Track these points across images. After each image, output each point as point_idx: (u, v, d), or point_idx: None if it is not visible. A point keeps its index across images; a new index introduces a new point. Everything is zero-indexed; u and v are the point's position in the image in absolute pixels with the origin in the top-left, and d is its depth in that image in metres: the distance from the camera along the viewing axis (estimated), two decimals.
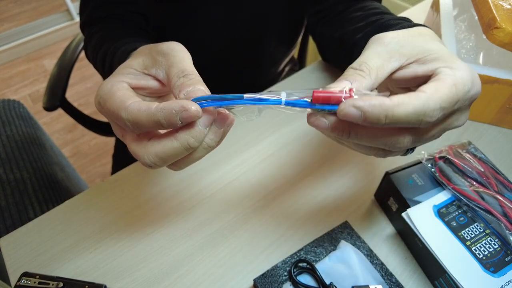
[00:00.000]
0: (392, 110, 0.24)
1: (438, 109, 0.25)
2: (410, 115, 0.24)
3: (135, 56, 0.32)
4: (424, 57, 0.29)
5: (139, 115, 0.26)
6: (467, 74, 0.27)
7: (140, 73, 0.31)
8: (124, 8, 0.53)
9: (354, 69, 0.28)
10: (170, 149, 0.27)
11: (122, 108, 0.27)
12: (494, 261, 0.36)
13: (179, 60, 0.29)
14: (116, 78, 0.30)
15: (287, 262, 0.39)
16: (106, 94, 0.28)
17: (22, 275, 0.39)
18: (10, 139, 0.78)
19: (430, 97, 0.25)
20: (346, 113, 0.25)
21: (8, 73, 1.94)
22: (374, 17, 0.47)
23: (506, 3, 0.50)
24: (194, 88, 0.27)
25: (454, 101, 0.26)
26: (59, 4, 2.24)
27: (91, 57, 0.52)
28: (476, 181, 0.41)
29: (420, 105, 0.24)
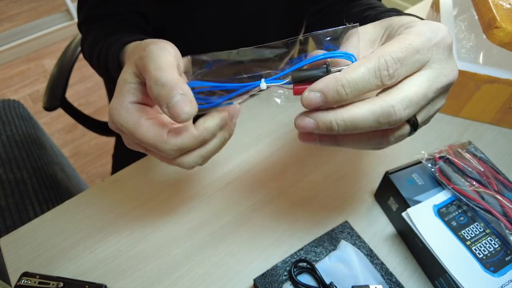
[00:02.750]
0: (345, 78, 0.24)
1: (391, 60, 0.25)
2: (365, 74, 0.24)
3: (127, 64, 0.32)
4: (391, 30, 0.29)
5: (184, 142, 0.29)
6: (425, 26, 0.27)
7: (137, 84, 0.30)
8: (123, 7, 0.53)
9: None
10: (212, 147, 0.31)
11: (161, 141, 0.29)
12: (494, 261, 0.36)
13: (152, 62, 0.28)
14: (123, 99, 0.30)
15: (287, 261, 0.39)
16: (129, 125, 0.29)
17: (22, 275, 0.39)
18: (10, 139, 0.78)
19: (379, 52, 0.25)
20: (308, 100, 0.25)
21: (8, 73, 1.94)
22: (366, 13, 0.47)
23: (506, 3, 0.50)
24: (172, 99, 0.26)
25: (410, 50, 0.25)
26: (59, 4, 2.24)
27: (88, 55, 0.51)
28: (476, 181, 0.41)
29: (371, 63, 0.25)
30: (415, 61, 0.26)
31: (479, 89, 0.52)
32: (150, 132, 0.29)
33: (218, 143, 0.31)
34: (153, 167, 0.51)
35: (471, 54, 0.57)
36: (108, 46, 0.43)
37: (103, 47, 0.44)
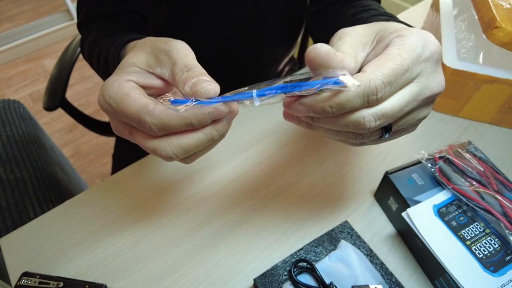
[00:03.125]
0: (334, 100, 0.25)
1: (381, 85, 0.25)
2: (353, 99, 0.25)
3: (137, 52, 0.31)
4: (382, 36, 0.29)
5: (169, 119, 0.27)
6: (416, 39, 0.27)
7: (145, 71, 0.30)
8: (122, 8, 0.53)
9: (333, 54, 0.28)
10: (195, 141, 0.28)
11: (145, 112, 0.27)
12: (494, 261, 0.36)
13: (182, 56, 0.29)
14: (122, 76, 0.30)
15: (287, 261, 0.40)
16: (117, 95, 0.28)
17: (23, 275, 0.39)
18: (10, 139, 0.78)
19: (370, 76, 0.25)
20: (296, 111, 0.27)
21: (8, 73, 1.94)
22: (360, 15, 0.47)
23: (506, 3, 0.50)
24: (198, 79, 0.27)
25: (401, 71, 0.26)
26: (59, 4, 2.24)
27: (87, 55, 0.51)
28: (476, 180, 0.41)
29: (360, 89, 0.25)
30: (404, 80, 0.27)
31: (479, 89, 0.52)
32: (136, 102, 0.28)
33: (204, 138, 0.29)
34: (153, 167, 0.51)
35: (471, 54, 0.57)
36: (108, 46, 0.43)
37: (103, 47, 0.44)
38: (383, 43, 0.29)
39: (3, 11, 2.22)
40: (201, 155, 0.32)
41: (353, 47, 0.28)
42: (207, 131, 0.28)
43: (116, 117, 0.30)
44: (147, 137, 0.29)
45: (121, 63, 0.31)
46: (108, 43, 0.43)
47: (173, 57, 0.29)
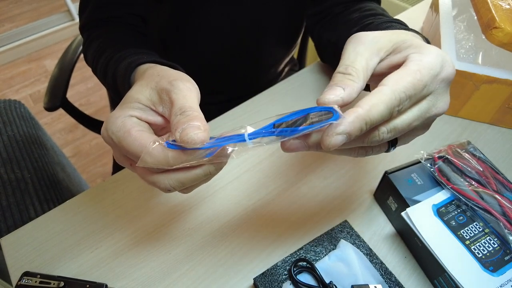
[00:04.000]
0: (368, 116, 0.25)
1: (404, 97, 0.26)
2: (384, 112, 0.25)
3: (142, 87, 0.32)
4: (399, 46, 0.30)
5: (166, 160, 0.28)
6: (435, 58, 0.28)
7: (148, 108, 0.31)
8: (123, 11, 0.53)
9: (343, 74, 0.28)
10: (192, 176, 0.29)
11: (145, 152, 0.28)
12: (493, 260, 0.36)
13: (180, 98, 0.29)
14: (126, 111, 0.30)
15: (287, 261, 0.40)
16: (119, 132, 0.29)
17: (23, 275, 0.39)
18: (11, 139, 0.78)
19: (393, 88, 0.26)
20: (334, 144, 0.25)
21: (9, 73, 1.94)
22: (367, 20, 0.47)
23: (505, 3, 0.50)
24: (188, 125, 0.27)
25: (420, 87, 0.27)
26: (59, 5, 2.24)
27: (91, 64, 0.52)
28: (475, 180, 0.41)
29: (389, 100, 0.25)
30: (421, 96, 0.27)
31: (478, 89, 0.52)
32: (137, 141, 0.28)
33: (201, 173, 0.29)
34: None
35: (470, 54, 0.57)
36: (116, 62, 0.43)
37: (111, 60, 0.44)
38: (400, 54, 0.29)
39: (4, 11, 2.22)
40: (198, 186, 0.32)
41: (365, 57, 0.29)
42: (205, 167, 0.29)
43: (118, 150, 0.31)
44: (146, 171, 0.30)
45: (126, 97, 0.32)
46: (116, 59, 0.44)
47: (172, 97, 0.29)
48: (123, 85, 0.40)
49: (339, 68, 0.29)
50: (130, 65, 0.40)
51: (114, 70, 0.43)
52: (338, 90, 0.27)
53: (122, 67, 0.41)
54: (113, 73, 0.44)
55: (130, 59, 0.41)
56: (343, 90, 0.27)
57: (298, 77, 0.64)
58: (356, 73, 0.28)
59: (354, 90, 0.27)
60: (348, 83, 0.27)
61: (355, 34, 0.31)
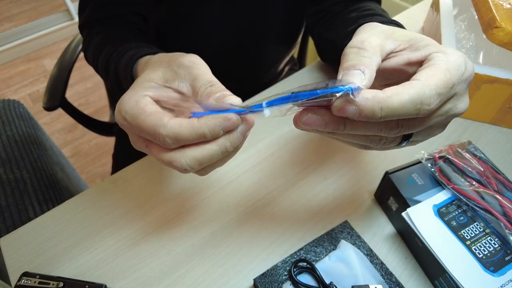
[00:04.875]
0: (386, 102, 0.24)
1: (435, 95, 0.25)
2: (406, 104, 0.24)
3: (154, 69, 0.32)
4: (417, 43, 0.29)
5: (182, 131, 0.28)
6: (459, 58, 0.27)
7: (161, 86, 0.31)
8: (123, 9, 0.53)
9: (357, 49, 0.27)
10: (209, 152, 0.29)
11: (160, 125, 0.28)
12: (494, 261, 0.36)
13: (203, 73, 0.30)
14: (139, 92, 0.30)
15: (287, 261, 0.40)
16: (133, 110, 0.29)
17: (23, 275, 0.39)
18: (10, 139, 0.78)
19: (425, 83, 0.25)
20: (340, 109, 0.24)
21: (8, 73, 1.94)
22: (365, 19, 0.47)
23: (506, 3, 0.50)
24: (222, 93, 0.29)
25: (450, 86, 0.26)
26: (58, 4, 2.23)
27: (92, 60, 0.52)
28: (476, 180, 0.41)
29: (415, 93, 0.24)
30: (449, 95, 0.26)
31: (479, 89, 0.52)
32: (152, 116, 0.28)
33: (217, 149, 0.29)
34: (153, 167, 0.51)
35: (471, 54, 0.57)
36: (118, 55, 0.43)
37: (112, 55, 0.45)
38: (420, 53, 0.28)
39: (3, 11, 2.22)
40: (215, 167, 0.32)
41: (380, 38, 0.28)
42: (220, 142, 0.29)
43: (132, 132, 0.31)
44: (163, 150, 0.30)
45: (138, 79, 0.32)
46: (117, 52, 0.43)
47: (194, 73, 0.30)
48: (125, 78, 0.40)
49: (353, 42, 0.28)
50: (132, 58, 0.40)
51: (116, 63, 0.43)
52: (357, 76, 0.25)
53: (124, 60, 0.41)
54: (115, 67, 0.43)
55: (132, 52, 0.41)
56: (363, 74, 0.25)
57: (298, 76, 0.64)
58: (372, 48, 0.27)
59: (374, 69, 0.26)
60: (365, 62, 0.26)
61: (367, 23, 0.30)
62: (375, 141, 0.28)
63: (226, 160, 0.32)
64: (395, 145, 0.30)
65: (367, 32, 0.29)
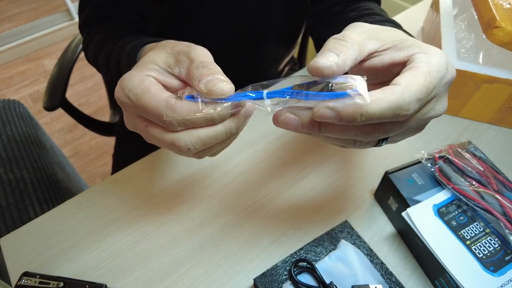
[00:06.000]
0: (366, 108, 0.24)
1: (414, 101, 0.25)
2: (385, 110, 0.24)
3: (157, 51, 0.32)
4: (400, 44, 0.29)
5: (191, 114, 0.27)
6: (441, 60, 0.27)
7: (164, 70, 0.31)
8: (123, 9, 0.53)
9: (336, 39, 0.27)
10: (214, 133, 0.28)
11: (167, 107, 0.27)
12: (493, 260, 0.36)
13: (200, 56, 0.29)
14: (143, 71, 0.30)
15: (287, 261, 0.40)
16: (137, 89, 0.28)
17: (23, 275, 0.39)
18: (10, 139, 0.78)
19: (405, 89, 0.25)
20: (320, 115, 0.25)
21: (8, 73, 1.94)
22: (363, 18, 0.47)
23: (506, 3, 0.50)
24: (213, 77, 0.27)
25: (430, 90, 0.26)
26: (58, 4, 2.23)
27: (92, 59, 0.52)
28: (476, 180, 0.41)
29: (395, 99, 0.24)
30: (429, 99, 0.27)
31: (479, 88, 0.52)
32: (157, 97, 0.28)
33: (223, 130, 0.29)
34: (154, 167, 0.51)
35: (470, 54, 0.57)
36: (120, 48, 0.43)
37: (113, 50, 0.44)
38: (403, 53, 0.28)
39: (3, 11, 2.22)
40: (216, 149, 0.32)
41: (363, 37, 0.28)
42: (226, 123, 0.29)
43: (132, 111, 0.30)
44: (165, 130, 0.29)
45: (142, 59, 0.31)
46: (119, 46, 0.43)
47: (191, 56, 0.29)
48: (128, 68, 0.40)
49: (334, 36, 0.28)
50: (136, 46, 0.39)
51: (118, 55, 0.43)
52: (331, 56, 0.26)
53: (126, 51, 0.41)
54: (116, 60, 0.43)
55: (135, 42, 0.41)
56: (337, 56, 0.26)
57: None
58: (352, 42, 0.27)
59: (349, 58, 0.26)
60: (341, 49, 0.26)
61: (354, 23, 0.31)
62: (350, 143, 0.29)
63: (228, 143, 0.32)
64: (372, 146, 0.30)
65: (350, 31, 0.29)
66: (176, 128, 0.28)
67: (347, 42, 0.27)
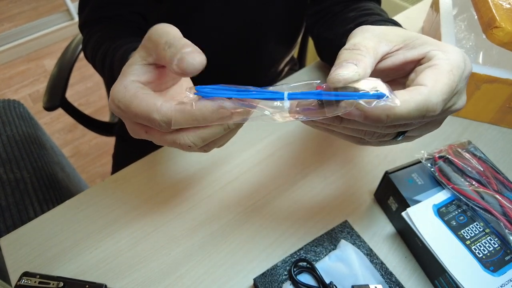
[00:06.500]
0: (394, 109, 0.24)
1: (441, 102, 0.25)
2: (413, 112, 0.24)
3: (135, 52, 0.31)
4: (412, 42, 0.29)
5: (176, 115, 0.27)
6: (459, 56, 0.27)
7: (142, 66, 0.30)
8: (123, 9, 0.53)
9: (350, 50, 0.27)
10: (211, 130, 0.28)
11: (153, 110, 0.27)
12: (493, 260, 0.36)
13: (161, 35, 0.28)
14: (126, 78, 0.30)
15: (287, 261, 0.40)
16: (125, 98, 0.28)
17: (23, 275, 0.39)
18: (10, 139, 0.78)
19: (432, 90, 0.25)
20: (349, 114, 0.25)
21: (8, 73, 1.94)
22: (363, 18, 0.47)
23: (506, 3, 0.50)
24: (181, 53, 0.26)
25: (454, 88, 0.26)
26: (59, 4, 2.23)
27: (90, 57, 0.52)
28: (476, 180, 0.41)
29: (422, 100, 0.24)
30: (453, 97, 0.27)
31: (479, 88, 0.52)
32: (144, 101, 0.27)
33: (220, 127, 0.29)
34: (153, 167, 0.51)
35: (470, 54, 0.57)
36: (113, 50, 0.43)
37: (109, 50, 0.45)
38: (417, 51, 0.28)
39: (3, 11, 2.22)
40: (220, 142, 0.32)
41: (374, 41, 0.28)
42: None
43: (128, 119, 0.30)
44: (162, 133, 0.29)
45: (124, 66, 0.31)
46: (113, 48, 0.43)
47: (153, 39, 0.28)
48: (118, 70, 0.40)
49: (346, 46, 0.27)
50: (126, 51, 0.39)
51: (112, 58, 0.43)
52: (350, 67, 0.25)
53: (119, 54, 0.41)
54: (110, 62, 0.43)
55: (127, 46, 0.41)
56: (356, 66, 0.25)
57: (298, 76, 0.64)
58: (366, 49, 0.27)
59: (368, 65, 0.26)
60: (358, 58, 0.26)
61: (361, 26, 0.30)
62: (369, 134, 0.28)
63: (230, 136, 0.31)
64: (389, 139, 0.30)
65: (359, 37, 0.28)
66: (167, 130, 0.28)
67: (361, 51, 0.27)
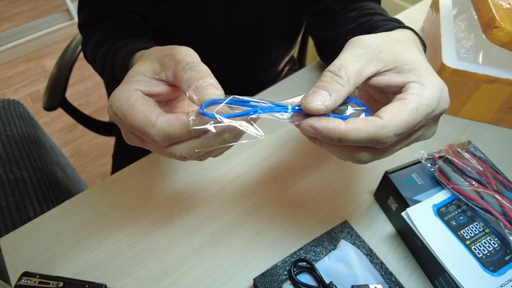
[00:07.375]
0: (345, 135, 0.26)
1: (392, 136, 0.26)
2: (363, 140, 0.26)
3: (143, 61, 0.32)
4: (401, 66, 0.29)
5: (171, 129, 0.27)
6: (435, 92, 0.27)
7: (151, 79, 0.30)
8: (123, 9, 0.53)
9: (333, 74, 0.28)
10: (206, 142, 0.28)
11: (148, 124, 0.27)
12: (493, 260, 0.36)
13: (184, 56, 0.29)
14: (129, 86, 0.30)
15: (287, 261, 0.40)
16: (124, 106, 0.28)
17: (23, 275, 0.39)
18: (10, 139, 0.78)
19: (386, 124, 0.26)
20: (304, 130, 0.27)
21: (8, 73, 1.94)
22: (365, 18, 0.47)
23: (506, 3, 0.50)
24: (203, 82, 0.27)
25: (413, 125, 0.27)
26: (58, 4, 2.23)
27: (90, 57, 0.52)
28: (476, 180, 0.41)
29: (373, 131, 0.26)
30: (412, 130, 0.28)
31: (479, 88, 0.52)
32: (140, 113, 0.27)
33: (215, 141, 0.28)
34: (153, 167, 0.51)
35: (470, 54, 0.57)
36: (115, 51, 0.43)
37: (109, 51, 0.45)
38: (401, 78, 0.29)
39: (3, 11, 2.22)
40: (216, 153, 0.32)
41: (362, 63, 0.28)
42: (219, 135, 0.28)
43: (124, 128, 0.31)
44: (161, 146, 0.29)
45: (129, 72, 0.31)
46: (114, 48, 0.43)
47: (176, 58, 0.29)
48: (121, 73, 0.40)
49: (332, 67, 0.28)
50: (128, 52, 0.39)
51: (113, 59, 0.43)
52: (323, 95, 0.27)
53: (121, 55, 0.41)
54: (111, 62, 0.43)
55: (129, 46, 0.41)
56: (329, 96, 0.27)
57: (298, 76, 0.64)
58: (347, 76, 0.27)
59: (341, 96, 0.27)
60: (335, 87, 0.27)
61: (358, 37, 0.30)
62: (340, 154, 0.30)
63: (225, 149, 0.31)
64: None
65: (349, 54, 0.29)
66: (161, 144, 0.28)
67: (342, 79, 0.27)
